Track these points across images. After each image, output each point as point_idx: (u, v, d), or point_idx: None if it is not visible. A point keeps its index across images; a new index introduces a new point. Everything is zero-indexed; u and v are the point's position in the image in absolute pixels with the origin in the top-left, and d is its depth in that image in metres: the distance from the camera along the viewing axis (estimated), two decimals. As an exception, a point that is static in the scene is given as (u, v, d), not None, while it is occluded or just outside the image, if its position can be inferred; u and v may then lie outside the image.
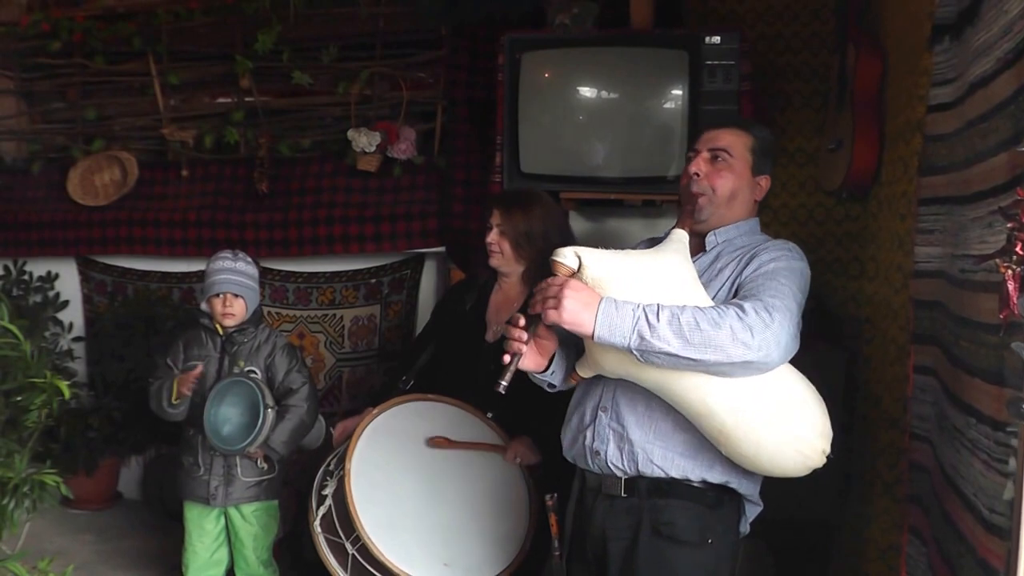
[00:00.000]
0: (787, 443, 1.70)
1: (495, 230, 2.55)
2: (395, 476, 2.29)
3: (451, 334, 2.64)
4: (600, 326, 1.61)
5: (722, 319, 1.60)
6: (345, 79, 3.64)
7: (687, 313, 1.60)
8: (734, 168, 1.89)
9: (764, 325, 1.60)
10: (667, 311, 1.61)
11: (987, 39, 1.63)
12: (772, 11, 3.17)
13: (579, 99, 3.03)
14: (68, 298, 3.99)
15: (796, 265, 1.79)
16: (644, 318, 1.60)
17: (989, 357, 1.51)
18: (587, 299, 1.62)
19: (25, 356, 2.32)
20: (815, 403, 1.75)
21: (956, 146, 1.83)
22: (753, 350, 1.59)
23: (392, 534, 2.19)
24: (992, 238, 1.53)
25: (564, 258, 1.67)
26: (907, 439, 2.09)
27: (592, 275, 1.66)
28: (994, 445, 1.47)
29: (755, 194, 1.94)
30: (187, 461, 2.78)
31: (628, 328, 1.60)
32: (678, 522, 1.78)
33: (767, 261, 1.77)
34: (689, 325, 1.58)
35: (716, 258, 1.88)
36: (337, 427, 2.54)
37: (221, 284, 2.73)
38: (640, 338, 1.59)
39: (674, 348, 1.59)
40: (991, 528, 1.45)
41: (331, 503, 2.25)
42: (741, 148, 1.90)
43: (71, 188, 3.94)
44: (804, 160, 3.15)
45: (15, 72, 4.09)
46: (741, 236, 1.91)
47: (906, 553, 2.00)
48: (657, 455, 1.78)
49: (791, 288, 1.72)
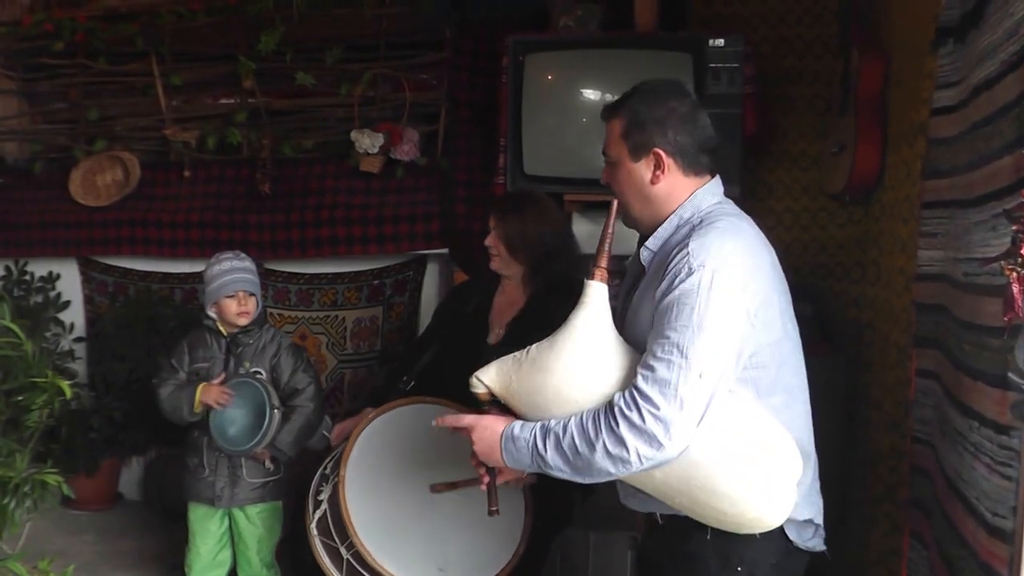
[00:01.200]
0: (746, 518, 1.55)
1: (492, 233, 2.55)
2: (391, 480, 2.28)
3: (454, 336, 2.64)
4: (508, 462, 1.63)
5: (596, 438, 1.49)
6: (348, 80, 3.63)
7: (568, 435, 1.53)
8: (616, 166, 1.68)
9: (635, 430, 1.45)
10: (553, 436, 1.54)
11: (991, 42, 1.63)
12: (776, 14, 3.18)
13: (582, 101, 3.03)
14: (69, 298, 3.98)
15: (688, 286, 1.49)
16: (536, 449, 1.57)
17: (992, 360, 1.51)
18: (490, 440, 1.64)
19: (27, 356, 2.32)
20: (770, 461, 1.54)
21: (960, 149, 1.83)
22: (634, 463, 1.47)
23: (386, 539, 2.18)
24: (996, 241, 1.53)
25: (473, 387, 1.70)
26: (908, 443, 2.09)
27: (498, 393, 1.67)
28: (997, 449, 1.47)
29: (654, 178, 1.64)
30: (192, 462, 2.77)
31: (527, 461, 1.60)
32: (699, 552, 1.63)
33: (663, 293, 1.53)
34: (571, 450, 1.52)
35: (652, 274, 1.65)
36: (335, 428, 2.53)
37: (235, 283, 2.70)
38: (539, 468, 1.59)
39: (568, 475, 1.56)
40: (994, 532, 1.45)
41: (327, 507, 2.24)
42: (615, 141, 1.67)
43: (73, 188, 3.93)
44: (807, 164, 3.16)
45: (17, 72, 4.08)
46: (675, 236, 1.64)
47: (907, 557, 2.00)
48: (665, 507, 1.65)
49: (679, 336, 1.47)
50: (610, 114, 1.71)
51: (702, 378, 1.46)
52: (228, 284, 2.70)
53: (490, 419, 1.66)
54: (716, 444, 1.50)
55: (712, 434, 1.49)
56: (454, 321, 2.66)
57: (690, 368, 1.46)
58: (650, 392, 1.46)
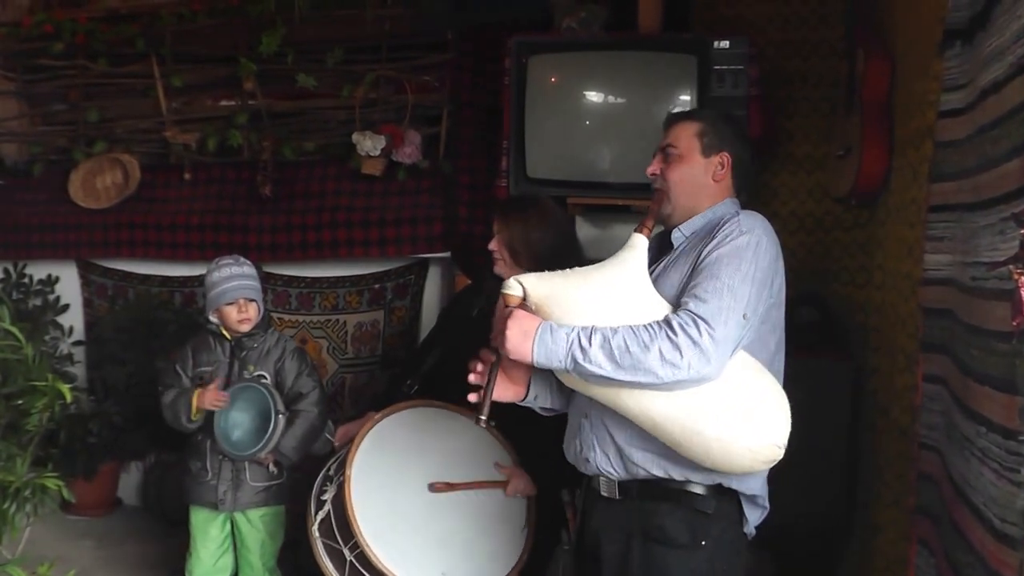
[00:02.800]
0: (735, 447, 1.71)
1: (496, 237, 2.55)
2: (395, 483, 2.27)
3: (458, 340, 2.62)
4: (537, 353, 1.70)
5: (652, 341, 1.65)
6: (350, 82, 3.62)
7: (619, 336, 1.66)
8: (683, 157, 1.91)
9: (692, 342, 1.64)
10: (599, 334, 1.67)
11: (999, 44, 1.61)
12: (781, 16, 3.16)
13: (586, 103, 3.01)
14: (68, 301, 3.98)
15: (741, 243, 1.75)
16: (577, 342, 1.67)
17: (1000, 365, 1.50)
18: (526, 327, 1.71)
19: (26, 359, 2.31)
20: (764, 399, 1.73)
21: (967, 152, 1.82)
22: (683, 370, 1.64)
23: (390, 541, 2.17)
24: (1004, 245, 1.53)
25: (509, 288, 1.76)
26: (915, 449, 2.07)
27: (535, 300, 1.74)
28: (1005, 454, 1.46)
29: (715, 176, 1.91)
30: (194, 466, 2.74)
31: (563, 353, 1.68)
32: (668, 525, 1.80)
33: (712, 248, 1.76)
34: (620, 349, 1.65)
35: (680, 254, 1.87)
36: (338, 431, 2.53)
37: (236, 290, 2.69)
38: (574, 362, 1.67)
39: (607, 371, 1.66)
40: (1002, 538, 1.44)
41: (330, 508, 2.23)
42: (687, 137, 1.92)
43: (72, 191, 3.92)
44: (813, 167, 3.14)
45: (17, 73, 4.08)
46: (699, 229, 1.89)
47: (914, 564, 1.99)
48: (637, 456, 1.80)
49: (733, 280, 1.70)
50: (684, 117, 1.97)
51: (745, 319, 1.70)
52: (228, 292, 2.69)
53: (524, 312, 1.74)
54: (732, 377, 1.70)
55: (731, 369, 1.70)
56: (458, 326, 2.65)
57: (737, 308, 1.68)
58: (707, 316, 1.66)
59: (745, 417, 1.69)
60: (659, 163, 1.94)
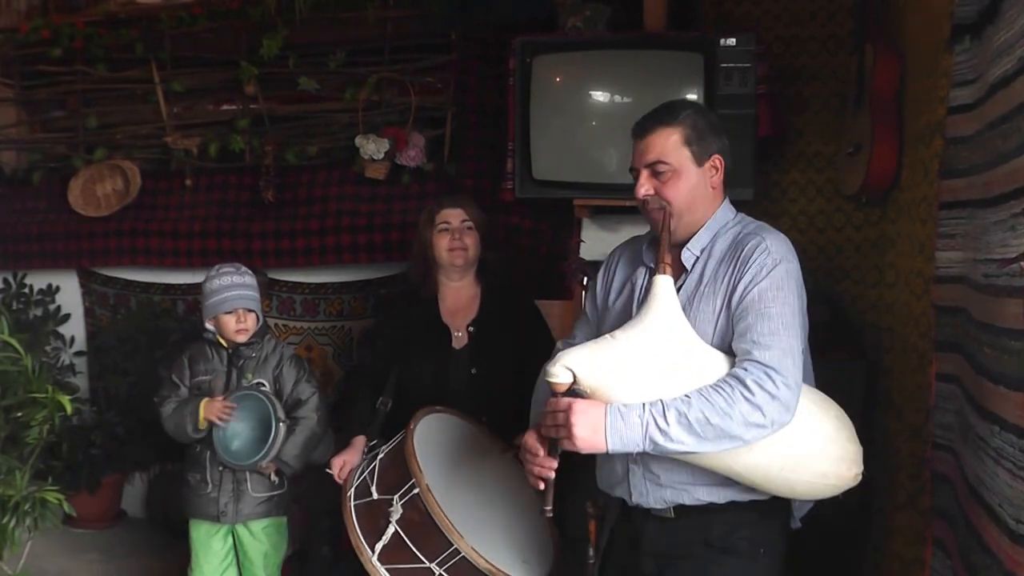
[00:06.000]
0: (818, 482, 1.73)
1: (464, 225, 2.64)
2: (455, 485, 2.22)
3: (413, 349, 2.63)
4: (612, 444, 1.62)
5: (730, 406, 1.59)
6: (352, 85, 3.59)
7: (694, 407, 1.60)
8: (679, 173, 1.79)
9: (771, 397, 1.60)
10: (673, 410, 1.60)
11: (1008, 38, 1.61)
12: (789, 13, 3.15)
13: (592, 103, 2.99)
14: (69, 311, 3.94)
15: (779, 274, 1.71)
16: (654, 423, 1.60)
17: (1013, 363, 1.50)
18: (594, 422, 1.62)
19: (26, 371, 2.32)
20: (839, 433, 1.76)
21: (977, 148, 1.82)
22: (767, 428, 1.61)
23: (482, 540, 2.09)
24: (1015, 241, 1.53)
25: (556, 376, 1.65)
26: (929, 449, 2.07)
27: (589, 385, 1.66)
28: (1019, 454, 1.46)
29: (712, 180, 1.83)
30: (194, 478, 2.71)
31: (639, 438, 1.61)
32: (730, 535, 1.79)
33: (751, 284, 1.71)
34: (699, 422, 1.59)
35: (701, 278, 1.80)
36: (334, 461, 2.43)
37: (235, 300, 2.66)
38: (653, 444, 1.61)
39: (689, 447, 1.61)
40: (1017, 539, 1.44)
41: (396, 529, 2.12)
42: (674, 149, 1.79)
43: (72, 198, 3.90)
44: (823, 164, 3.12)
45: (15, 80, 4.04)
46: (717, 240, 1.82)
47: (930, 566, 1.99)
48: (701, 492, 1.78)
49: (784, 316, 1.68)
50: (660, 124, 1.82)
51: (803, 354, 1.70)
52: (226, 301, 2.66)
53: (583, 402, 1.65)
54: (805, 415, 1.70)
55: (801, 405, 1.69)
56: (406, 336, 2.65)
57: (796, 344, 1.68)
58: (776, 365, 1.63)
59: (825, 454, 1.71)
60: (650, 182, 1.82)
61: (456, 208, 2.67)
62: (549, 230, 3.27)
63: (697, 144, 1.80)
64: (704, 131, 1.81)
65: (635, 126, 1.86)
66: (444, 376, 2.56)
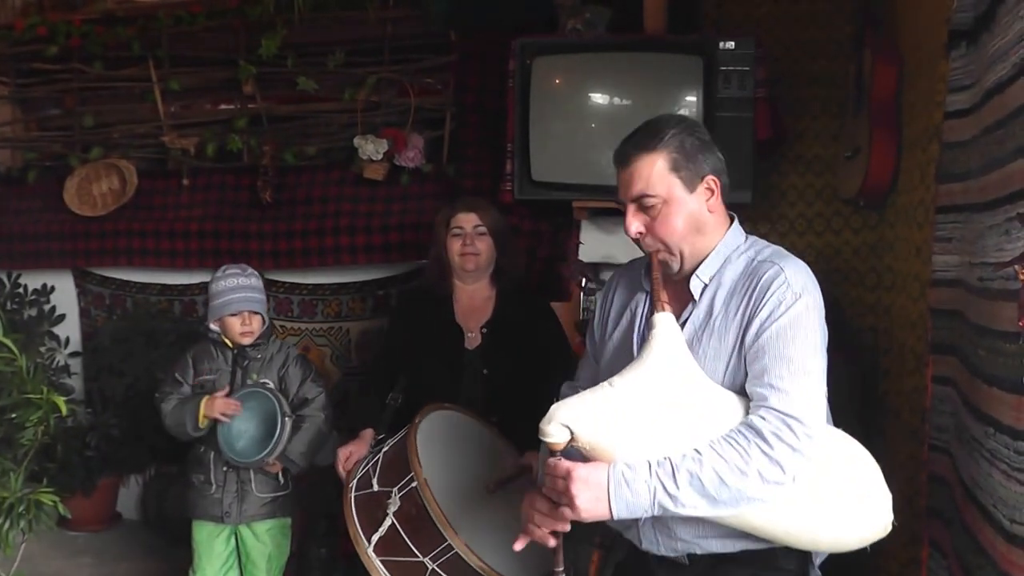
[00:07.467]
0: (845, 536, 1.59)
1: (476, 231, 2.62)
2: (456, 483, 2.20)
3: (427, 345, 2.63)
4: (617, 512, 1.47)
5: (746, 463, 1.44)
6: (351, 85, 3.59)
7: (707, 467, 1.45)
8: (669, 204, 1.62)
9: (791, 450, 1.45)
10: (684, 471, 1.45)
11: (1003, 44, 1.62)
12: (788, 16, 3.15)
13: (591, 105, 2.99)
14: (64, 312, 3.94)
15: (799, 310, 1.54)
16: (662, 488, 1.45)
17: (1007, 366, 1.50)
18: (597, 492, 1.47)
19: (21, 372, 2.31)
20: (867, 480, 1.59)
21: (973, 153, 1.82)
22: (788, 483, 1.47)
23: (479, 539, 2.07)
24: (1010, 245, 1.53)
25: (552, 436, 1.50)
26: (925, 451, 2.07)
27: (588, 443, 1.51)
28: (1014, 455, 1.46)
29: (709, 205, 1.65)
30: (197, 479, 2.69)
31: (647, 504, 1.46)
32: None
33: (768, 321, 1.54)
34: (713, 483, 1.44)
35: (711, 309, 1.64)
36: (340, 452, 2.42)
37: (240, 303, 2.66)
38: (663, 509, 1.47)
39: (703, 511, 1.47)
40: (1012, 540, 1.44)
41: (392, 521, 2.11)
42: (660, 178, 1.61)
43: (68, 198, 3.89)
44: (821, 168, 3.12)
45: (10, 78, 4.04)
46: (728, 266, 1.66)
47: (927, 567, 1.99)
48: (714, 544, 1.63)
49: (805, 358, 1.52)
50: (641, 150, 1.63)
51: (822, 397, 1.55)
52: (232, 303, 2.65)
53: (583, 467, 1.49)
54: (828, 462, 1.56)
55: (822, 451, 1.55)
56: (421, 332, 2.65)
57: (817, 387, 1.53)
58: (796, 413, 1.48)
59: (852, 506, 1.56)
60: (639, 219, 1.65)
61: (470, 213, 2.64)
62: (548, 231, 3.27)
63: (686, 168, 1.62)
64: (692, 152, 1.63)
65: (616, 153, 1.68)
66: (456, 375, 2.56)
